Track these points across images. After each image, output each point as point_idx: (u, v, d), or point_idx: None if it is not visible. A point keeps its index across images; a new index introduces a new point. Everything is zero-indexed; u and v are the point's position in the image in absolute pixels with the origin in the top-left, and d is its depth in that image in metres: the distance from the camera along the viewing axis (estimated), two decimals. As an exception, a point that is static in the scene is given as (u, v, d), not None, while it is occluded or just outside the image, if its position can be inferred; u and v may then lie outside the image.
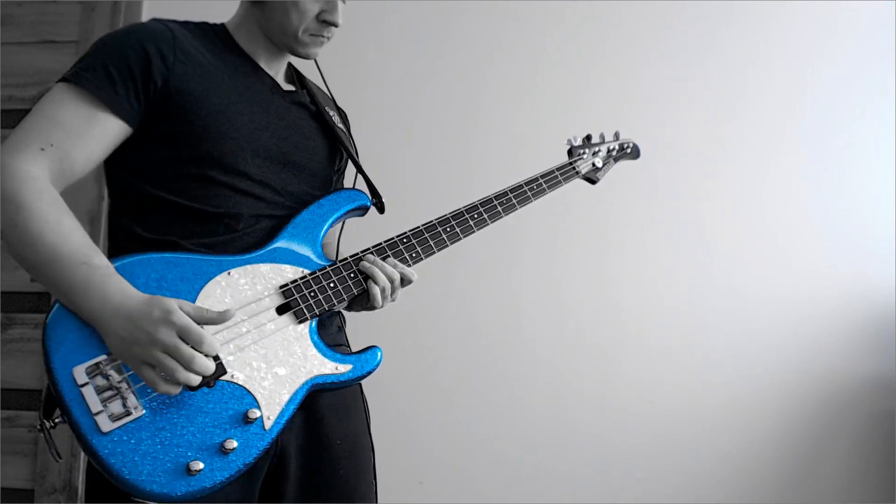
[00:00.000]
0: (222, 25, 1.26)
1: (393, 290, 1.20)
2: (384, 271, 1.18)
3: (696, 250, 2.19)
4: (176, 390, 0.97)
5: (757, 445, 2.11)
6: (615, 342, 2.18)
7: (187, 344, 0.97)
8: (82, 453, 2.16)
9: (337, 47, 1.28)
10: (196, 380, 0.97)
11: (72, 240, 1.01)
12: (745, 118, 2.23)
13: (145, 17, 2.33)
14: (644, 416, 2.14)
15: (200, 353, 0.97)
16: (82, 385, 0.96)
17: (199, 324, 0.99)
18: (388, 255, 1.22)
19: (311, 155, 1.25)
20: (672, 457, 2.12)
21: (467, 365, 2.20)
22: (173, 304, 0.98)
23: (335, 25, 1.22)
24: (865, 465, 2.07)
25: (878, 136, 2.18)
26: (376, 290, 1.17)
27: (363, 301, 1.21)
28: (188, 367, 0.96)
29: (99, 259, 1.01)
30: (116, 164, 1.16)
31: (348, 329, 1.33)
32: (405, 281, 1.22)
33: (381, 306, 1.20)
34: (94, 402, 0.95)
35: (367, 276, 1.18)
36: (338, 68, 1.29)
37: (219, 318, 1.02)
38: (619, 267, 2.21)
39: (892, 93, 2.18)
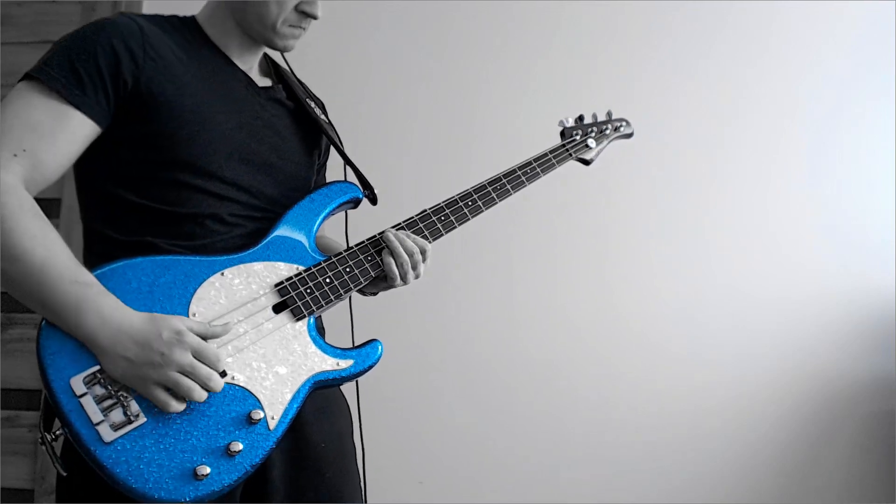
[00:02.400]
0: (192, 18, 1.21)
1: (415, 265, 1.19)
2: (404, 245, 1.18)
3: (696, 250, 2.19)
4: (182, 407, 0.97)
5: (757, 445, 2.11)
6: (614, 342, 2.18)
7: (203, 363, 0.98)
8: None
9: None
10: (205, 395, 0.98)
11: (60, 256, 0.97)
12: (745, 118, 2.23)
13: (145, 16, 2.33)
14: (644, 416, 2.14)
15: (215, 371, 0.99)
16: (81, 395, 0.94)
17: (205, 339, 1.00)
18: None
19: (287, 156, 1.22)
20: (672, 457, 2.12)
21: (467, 365, 2.20)
22: (180, 323, 0.98)
23: (314, 17, 1.19)
24: (865, 465, 2.07)
25: (879, 136, 2.18)
26: (391, 264, 1.17)
27: (381, 281, 1.21)
28: (205, 385, 0.97)
29: (87, 276, 0.98)
30: (85, 168, 1.12)
31: (346, 327, 1.32)
32: (425, 254, 1.21)
33: (404, 281, 1.20)
34: (94, 412, 0.94)
35: (385, 250, 1.18)
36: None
37: (223, 332, 1.02)
38: (618, 266, 2.21)
39: (892, 93, 2.18)
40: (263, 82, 1.25)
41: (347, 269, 1.16)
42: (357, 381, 1.22)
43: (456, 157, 2.26)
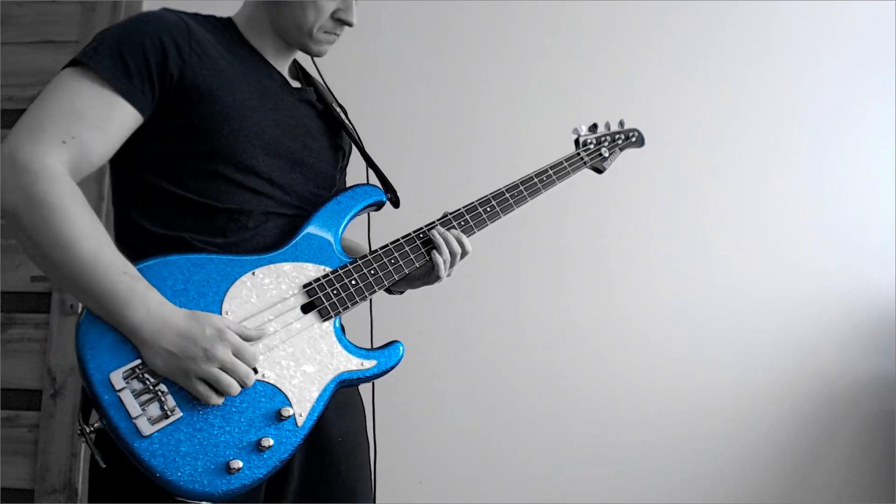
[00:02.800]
0: (230, 20, 1.24)
1: (452, 263, 1.26)
2: (449, 243, 1.24)
3: (696, 250, 2.20)
4: (221, 400, 1.00)
5: (757, 445, 2.11)
6: (615, 342, 2.18)
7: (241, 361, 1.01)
8: (83, 452, 2.17)
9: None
10: (239, 390, 1.01)
11: (110, 247, 0.99)
12: (746, 118, 2.23)
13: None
14: (644, 415, 2.15)
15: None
16: (120, 390, 0.96)
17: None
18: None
19: (318, 155, 1.25)
20: (672, 457, 2.12)
21: (470, 365, 2.20)
22: (221, 322, 1.00)
23: (350, 25, 1.22)
24: (865, 465, 2.07)
25: (879, 135, 2.19)
26: (439, 259, 1.23)
27: (416, 279, 1.27)
28: (242, 383, 1.00)
29: (134, 269, 1.00)
30: (125, 158, 1.12)
31: (351, 329, 1.33)
32: (465, 252, 1.27)
33: (447, 275, 1.26)
34: (132, 407, 0.96)
35: (433, 247, 1.23)
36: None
37: (256, 336, 1.04)
38: (619, 266, 2.21)
39: (892, 93, 2.18)
40: (295, 84, 1.28)
41: (372, 272, 1.19)
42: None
43: (456, 157, 2.26)
